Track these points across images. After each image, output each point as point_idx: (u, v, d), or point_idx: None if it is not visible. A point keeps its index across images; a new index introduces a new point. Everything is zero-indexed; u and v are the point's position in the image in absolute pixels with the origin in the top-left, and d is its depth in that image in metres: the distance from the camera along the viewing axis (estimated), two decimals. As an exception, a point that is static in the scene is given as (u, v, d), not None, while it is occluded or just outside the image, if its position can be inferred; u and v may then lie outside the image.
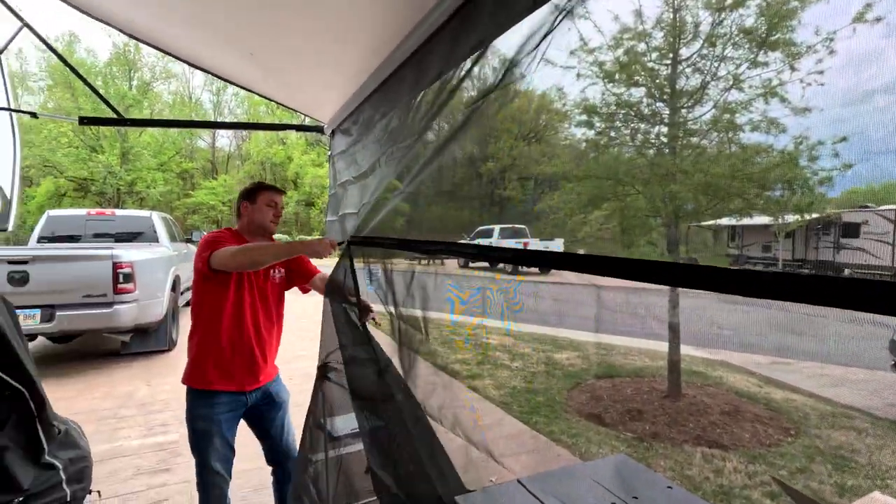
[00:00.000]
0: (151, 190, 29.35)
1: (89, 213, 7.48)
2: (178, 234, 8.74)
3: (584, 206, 3.79)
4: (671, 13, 3.43)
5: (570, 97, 3.72)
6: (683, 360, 4.33)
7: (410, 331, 1.72)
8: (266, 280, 2.09)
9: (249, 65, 2.70)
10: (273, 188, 2.16)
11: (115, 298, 5.13)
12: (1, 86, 3.21)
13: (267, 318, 2.08)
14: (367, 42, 1.92)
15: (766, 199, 2.99)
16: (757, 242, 10.45)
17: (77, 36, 31.83)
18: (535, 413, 3.83)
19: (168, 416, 4.02)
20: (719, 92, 3.39)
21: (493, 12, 1.21)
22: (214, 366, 1.96)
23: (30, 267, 4.82)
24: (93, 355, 6.01)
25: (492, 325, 6.07)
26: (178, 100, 36.10)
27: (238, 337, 1.98)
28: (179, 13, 2.31)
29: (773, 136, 3.07)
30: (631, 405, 3.82)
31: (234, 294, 1.97)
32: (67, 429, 2.54)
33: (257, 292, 2.05)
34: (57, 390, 4.58)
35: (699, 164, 3.17)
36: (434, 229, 1.89)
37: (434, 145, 1.55)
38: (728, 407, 3.65)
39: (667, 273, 0.78)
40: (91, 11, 2.58)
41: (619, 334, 5.80)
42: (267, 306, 2.09)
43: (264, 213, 2.09)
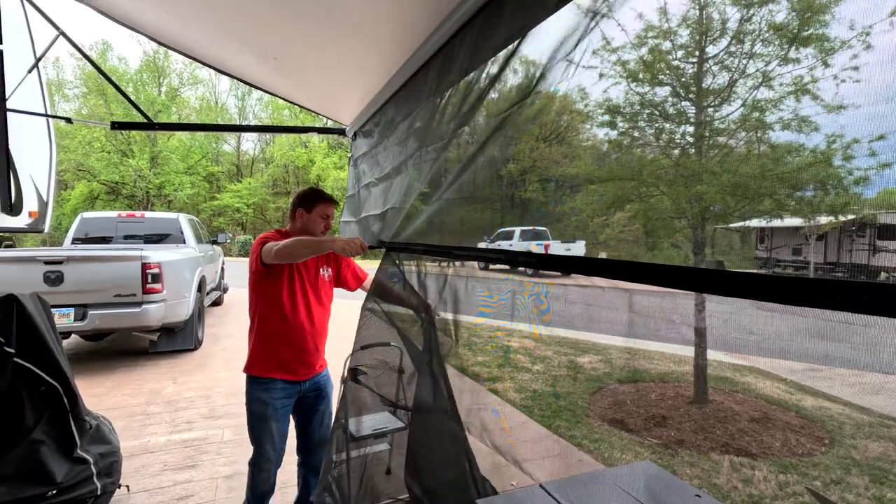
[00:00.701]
0: (179, 193, 30.13)
1: (120, 216, 7.72)
2: (204, 235, 8.95)
3: (607, 207, 3.73)
4: (697, 10, 3.35)
5: (592, 97, 3.63)
6: (710, 365, 4.22)
7: (441, 336, 1.72)
8: (317, 277, 2.24)
9: (273, 70, 2.75)
10: (329, 200, 2.25)
11: (144, 298, 5.28)
12: (38, 93, 3.34)
13: (319, 311, 2.22)
14: (387, 45, 1.93)
15: (797, 199, 2.89)
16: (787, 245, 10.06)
17: (110, 44, 32.95)
18: (556, 417, 3.78)
19: (193, 413, 4.10)
20: (748, 90, 3.30)
21: (514, 14, 1.20)
22: (273, 356, 2.13)
23: (64, 267, 4.99)
24: (122, 353, 6.19)
25: (513, 327, 6.03)
26: (204, 105, 37.01)
27: (293, 329, 2.13)
28: (206, 21, 2.36)
29: (804, 134, 2.96)
30: (655, 411, 3.74)
31: (287, 290, 2.12)
32: (98, 424, 2.63)
33: (310, 288, 2.19)
34: (89, 387, 4.73)
35: (727, 164, 3.09)
36: (457, 232, 1.89)
37: (463, 150, 1.55)
38: (757, 414, 3.54)
39: (692, 278, 0.75)
40: (124, 21, 2.66)
41: (643, 338, 5.69)
42: (319, 301, 2.23)
43: (317, 223, 2.21)
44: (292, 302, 2.13)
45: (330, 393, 2.38)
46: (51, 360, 2.34)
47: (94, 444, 2.48)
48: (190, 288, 6.17)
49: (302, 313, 2.14)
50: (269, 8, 1.93)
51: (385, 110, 2.52)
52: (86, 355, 6.15)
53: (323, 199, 2.22)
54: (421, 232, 1.87)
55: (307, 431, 2.35)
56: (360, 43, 2.06)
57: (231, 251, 28.29)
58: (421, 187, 1.85)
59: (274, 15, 1.97)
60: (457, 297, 1.65)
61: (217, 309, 9.51)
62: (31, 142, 3.22)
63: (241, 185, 34.51)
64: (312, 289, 2.20)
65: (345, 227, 3.56)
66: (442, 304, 1.72)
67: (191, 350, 6.20)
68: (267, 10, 1.94)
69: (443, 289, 1.70)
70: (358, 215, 3.02)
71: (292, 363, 2.15)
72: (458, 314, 1.64)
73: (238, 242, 29.36)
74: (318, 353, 2.25)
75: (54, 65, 31.99)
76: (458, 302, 1.64)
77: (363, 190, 2.94)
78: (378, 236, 2.39)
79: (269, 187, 36.45)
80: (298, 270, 2.16)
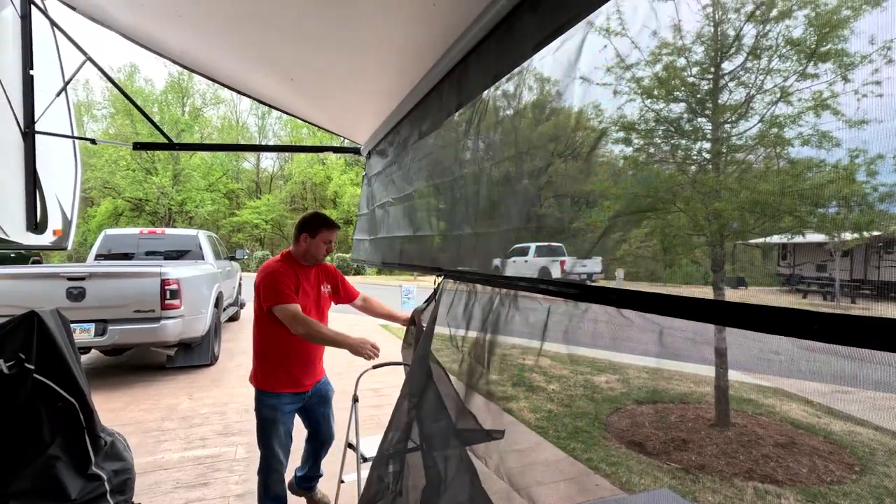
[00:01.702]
0: (200, 209, 30.81)
1: (141, 232, 7.89)
2: (222, 251, 9.09)
3: (624, 224, 3.69)
4: (712, 27, 3.34)
5: (606, 114, 3.66)
6: (732, 387, 4.10)
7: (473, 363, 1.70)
8: (319, 294, 2.44)
9: (290, 90, 2.81)
10: (332, 226, 2.43)
11: (163, 314, 5.35)
12: (65, 115, 3.46)
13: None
14: (401, 66, 1.95)
15: (820, 217, 2.82)
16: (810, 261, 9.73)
17: (137, 66, 34.22)
18: (572, 438, 3.69)
19: (207, 430, 4.11)
20: (765, 105, 3.25)
21: (525, 35, 1.20)
22: (280, 372, 2.34)
23: (86, 283, 5.10)
24: (140, 368, 6.27)
25: (527, 344, 5.95)
26: (226, 124, 38.02)
27: (298, 346, 2.32)
28: (228, 45, 2.43)
29: (825, 150, 2.90)
30: (675, 433, 3.63)
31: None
32: (114, 441, 2.64)
33: (312, 305, 2.37)
34: (106, 401, 4.79)
35: (745, 181, 3.04)
36: (477, 251, 1.88)
37: (478, 166, 1.55)
38: (783, 438, 3.40)
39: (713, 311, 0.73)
40: (149, 45, 2.76)
41: (662, 357, 5.56)
42: (320, 316, 2.42)
43: (319, 248, 2.40)
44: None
45: (330, 396, 2.63)
46: (68, 376, 2.38)
47: (108, 461, 2.49)
48: (207, 304, 6.25)
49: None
50: (288, 31, 1.98)
51: (399, 129, 2.54)
52: (104, 370, 6.24)
53: (326, 226, 2.38)
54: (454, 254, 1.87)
55: (314, 432, 2.62)
56: (374, 64, 2.09)
57: (249, 266, 28.69)
58: (443, 208, 1.85)
59: (292, 38, 2.02)
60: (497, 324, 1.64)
61: (233, 324, 9.61)
62: (57, 162, 3.33)
63: (259, 202, 35.16)
64: (315, 307, 2.40)
65: (358, 245, 3.58)
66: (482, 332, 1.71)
67: (207, 365, 6.25)
68: (285, 33, 1.99)
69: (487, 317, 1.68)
70: (374, 234, 3.03)
71: (299, 377, 2.37)
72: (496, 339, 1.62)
73: (256, 258, 29.76)
74: (320, 363, 2.50)
75: (84, 87, 33.30)
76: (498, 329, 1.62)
77: (378, 209, 2.96)
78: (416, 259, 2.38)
79: (287, 204, 37.05)
80: (304, 292, 2.34)
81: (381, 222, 2.90)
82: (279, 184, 39.99)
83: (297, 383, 2.37)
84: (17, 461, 2.20)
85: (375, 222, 3.04)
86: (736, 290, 3.97)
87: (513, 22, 1.27)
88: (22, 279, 5.12)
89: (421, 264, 2.22)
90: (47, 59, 3.24)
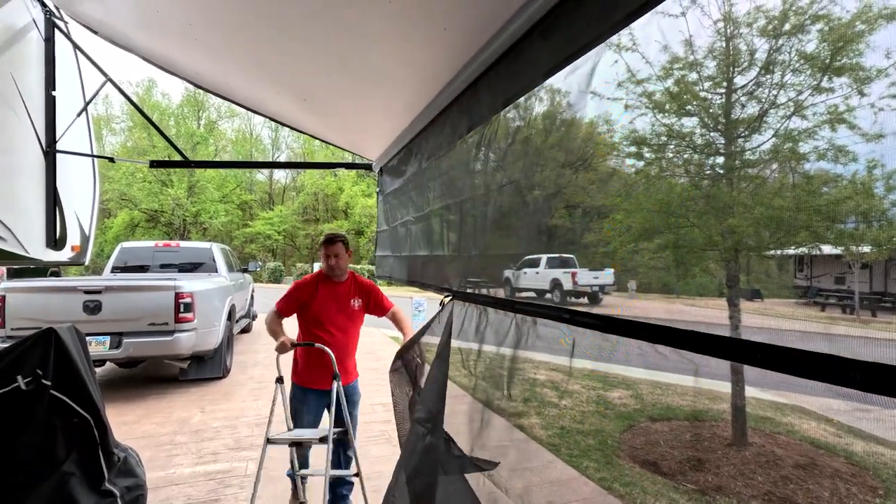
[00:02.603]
0: (214, 221, 31.22)
1: (157, 245, 8.02)
2: (236, 263, 9.18)
3: (636, 238, 3.66)
4: (724, 42, 3.33)
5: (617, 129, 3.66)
6: (749, 404, 4.01)
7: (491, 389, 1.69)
8: (346, 306, 2.83)
9: (302, 109, 2.85)
10: (325, 242, 2.86)
11: (176, 327, 5.41)
12: (85, 133, 3.55)
13: (345, 336, 2.82)
14: (413, 87, 1.97)
15: (837, 232, 2.77)
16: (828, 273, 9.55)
17: (154, 81, 35.02)
18: (585, 457, 3.63)
19: (219, 444, 4.12)
20: (779, 120, 3.22)
21: (538, 60, 1.20)
22: (309, 372, 2.78)
23: (102, 296, 5.18)
24: (153, 381, 6.33)
25: (538, 358, 5.90)
26: (240, 136, 38.64)
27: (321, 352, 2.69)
28: (242, 67, 2.48)
29: (842, 164, 2.87)
30: (691, 452, 3.55)
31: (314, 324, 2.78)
32: (126, 456, 2.66)
33: (333, 313, 2.79)
34: (120, 414, 4.83)
35: (759, 197, 3.01)
36: (489, 267, 1.88)
37: (493, 188, 1.56)
38: (803, 459, 3.31)
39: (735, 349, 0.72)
40: (168, 67, 2.82)
41: (676, 372, 5.46)
42: (346, 327, 2.83)
43: (323, 261, 2.86)
44: (325, 332, 2.75)
45: (357, 401, 2.96)
46: (84, 392, 2.40)
47: (121, 477, 2.51)
48: (220, 317, 6.30)
49: (327, 339, 2.72)
50: (302, 54, 2.01)
51: (411, 148, 2.56)
52: (119, 382, 6.31)
53: (322, 244, 2.87)
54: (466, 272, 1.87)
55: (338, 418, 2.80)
56: (386, 85, 2.12)
57: (261, 277, 28.92)
58: (456, 227, 1.86)
59: (306, 60, 2.05)
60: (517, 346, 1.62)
61: (245, 336, 9.67)
62: (76, 179, 3.40)
63: (272, 213, 35.54)
64: (337, 314, 2.80)
65: (382, 262, 3.60)
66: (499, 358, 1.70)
67: (219, 378, 6.28)
68: (299, 56, 2.03)
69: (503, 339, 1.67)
70: (398, 251, 3.07)
71: (323, 378, 2.70)
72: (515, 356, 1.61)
73: (268, 269, 30.01)
74: (346, 369, 2.81)
75: (104, 101, 34.12)
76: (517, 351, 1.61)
77: (401, 227, 3.00)
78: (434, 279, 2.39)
79: (300, 215, 37.41)
80: (324, 302, 2.79)
81: (404, 240, 2.93)
82: (291, 195, 40.43)
83: (322, 382, 2.73)
84: (32, 477, 2.22)
85: (398, 240, 3.07)
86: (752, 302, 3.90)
87: (524, 47, 1.28)
88: (41, 293, 5.22)
89: (437, 284, 2.22)
90: (69, 80, 3.33)
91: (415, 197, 2.63)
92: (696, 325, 2.58)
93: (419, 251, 2.63)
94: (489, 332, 1.75)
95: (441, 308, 2.24)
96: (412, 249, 2.77)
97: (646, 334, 0.95)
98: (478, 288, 1.89)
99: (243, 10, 1.76)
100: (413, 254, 2.77)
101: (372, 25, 1.55)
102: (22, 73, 2.73)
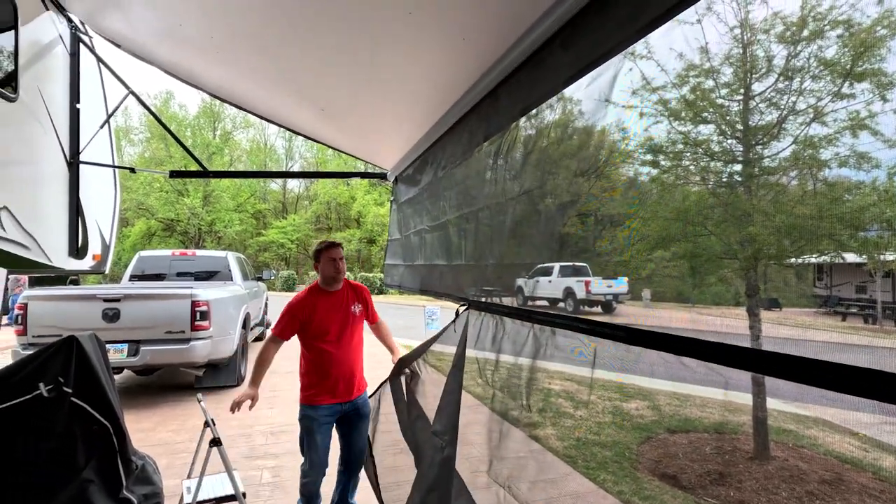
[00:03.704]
0: (228, 229, 31.62)
1: (174, 254, 8.13)
2: (250, 272, 9.27)
3: (651, 247, 3.61)
4: (740, 48, 3.30)
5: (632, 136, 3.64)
6: (771, 416, 3.91)
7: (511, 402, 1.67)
8: (348, 314, 2.69)
9: (319, 119, 2.88)
10: (328, 247, 2.69)
11: (192, 335, 5.46)
12: (107, 144, 3.62)
13: (351, 345, 2.70)
14: (431, 96, 1.99)
15: (861, 241, 2.71)
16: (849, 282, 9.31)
17: (172, 94, 35.78)
18: (602, 469, 3.57)
19: (233, 453, 4.13)
20: (798, 126, 3.17)
21: (559, 68, 1.20)
22: (319, 385, 2.62)
23: (121, 304, 5.26)
24: (169, 388, 6.39)
25: (553, 368, 5.83)
26: (254, 146, 39.21)
27: (333, 363, 2.61)
28: (261, 77, 2.52)
29: (864, 171, 2.81)
30: (711, 466, 3.47)
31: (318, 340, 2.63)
32: (144, 464, 2.68)
33: (339, 326, 2.64)
34: (137, 421, 4.88)
35: (780, 205, 2.96)
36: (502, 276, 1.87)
37: (509, 197, 1.56)
38: (828, 474, 3.21)
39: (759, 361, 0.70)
40: (189, 80, 2.88)
41: (697, 383, 5.36)
42: (352, 335, 2.70)
43: (328, 267, 2.67)
44: (332, 344, 2.62)
45: (367, 413, 2.81)
46: (104, 400, 2.43)
47: (138, 485, 2.53)
48: (235, 325, 6.35)
49: (334, 350, 2.62)
50: (321, 65, 2.04)
51: (428, 157, 2.57)
52: (136, 389, 6.38)
53: (324, 249, 2.69)
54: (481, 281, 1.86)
55: (348, 445, 2.78)
56: (404, 94, 2.14)
57: (275, 286, 29.16)
58: (472, 236, 1.85)
59: (325, 72, 2.08)
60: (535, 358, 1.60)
61: (259, 344, 9.71)
62: (98, 189, 3.48)
63: (286, 222, 35.91)
64: (344, 327, 2.66)
65: (391, 270, 3.60)
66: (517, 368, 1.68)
67: (234, 386, 6.32)
68: (318, 67, 2.06)
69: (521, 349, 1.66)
70: (410, 260, 3.07)
71: (335, 390, 2.62)
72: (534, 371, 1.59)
73: (281, 277, 30.26)
74: (356, 379, 2.70)
75: (123, 113, 34.91)
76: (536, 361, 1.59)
77: (414, 236, 3.00)
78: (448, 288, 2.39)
79: (313, 223, 37.73)
80: (328, 317, 2.64)
81: (417, 249, 2.93)
82: (305, 204, 40.83)
83: (334, 395, 2.64)
84: (52, 484, 2.25)
85: (411, 248, 3.07)
86: (770, 311, 3.81)
87: (543, 56, 1.28)
88: (61, 301, 5.32)
89: (452, 293, 2.21)
90: (92, 93, 3.41)
91: (429, 206, 2.63)
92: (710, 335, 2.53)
93: (435, 260, 2.63)
94: (506, 343, 1.73)
95: (455, 317, 2.22)
96: (427, 258, 2.77)
97: (671, 346, 0.93)
98: (492, 297, 1.88)
99: (264, 23, 1.79)
100: (427, 262, 2.77)
101: (392, 35, 1.57)
102: (48, 87, 2.80)
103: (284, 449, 4.21)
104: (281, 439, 4.48)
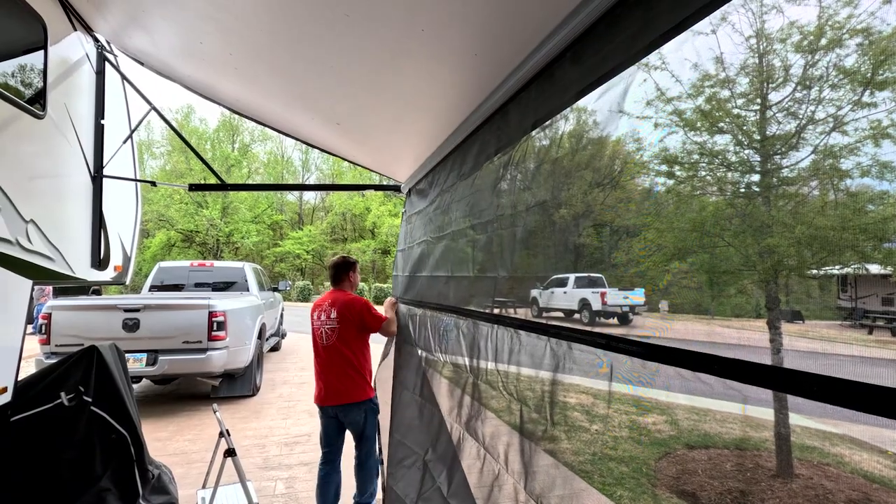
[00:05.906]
0: (245, 241, 32.09)
1: (192, 265, 8.28)
2: (266, 282, 9.37)
3: (668, 258, 3.57)
4: (756, 58, 3.28)
5: (647, 147, 3.62)
6: (794, 432, 3.79)
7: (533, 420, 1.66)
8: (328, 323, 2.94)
9: (335, 133, 2.92)
10: (355, 263, 3.17)
11: (209, 345, 5.53)
12: (130, 159, 3.72)
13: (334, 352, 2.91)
14: (443, 110, 2.00)
15: (885, 252, 2.64)
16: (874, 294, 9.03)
17: (193, 108, 36.69)
18: (619, 485, 3.50)
19: (248, 463, 4.15)
20: (818, 136, 3.12)
21: (570, 83, 1.21)
22: (317, 388, 2.97)
23: (141, 314, 5.36)
24: (186, 398, 6.46)
25: (568, 380, 5.75)
26: (272, 159, 39.89)
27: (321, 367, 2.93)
28: (278, 92, 2.57)
29: (887, 181, 2.75)
30: (732, 483, 3.37)
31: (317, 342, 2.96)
32: (160, 473, 2.71)
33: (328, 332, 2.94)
34: (154, 430, 4.94)
35: (800, 216, 2.91)
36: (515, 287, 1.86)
37: (520, 209, 1.56)
38: (856, 494, 3.09)
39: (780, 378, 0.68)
40: (209, 95, 2.96)
41: (716, 398, 5.22)
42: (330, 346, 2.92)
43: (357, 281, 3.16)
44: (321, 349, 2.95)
45: (360, 420, 2.95)
46: (122, 409, 2.47)
47: (154, 494, 2.55)
48: (251, 335, 6.42)
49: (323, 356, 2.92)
50: (337, 80, 2.08)
51: (438, 170, 2.59)
52: (154, 398, 6.47)
53: (356, 266, 3.15)
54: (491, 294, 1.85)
55: (356, 445, 2.99)
56: (417, 109, 2.16)
57: (290, 296, 29.41)
58: (482, 248, 1.85)
59: (341, 88, 2.12)
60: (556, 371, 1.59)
61: (275, 354, 9.80)
62: (120, 202, 3.57)
63: (301, 233, 36.31)
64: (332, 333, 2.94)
65: (395, 281, 3.61)
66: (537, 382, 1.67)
67: (249, 396, 6.36)
68: (334, 84, 2.09)
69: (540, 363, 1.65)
70: (415, 271, 3.07)
71: (323, 394, 2.91)
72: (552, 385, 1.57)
73: (297, 288, 30.51)
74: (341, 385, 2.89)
75: (146, 127, 35.89)
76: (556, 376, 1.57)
77: (417, 246, 3.00)
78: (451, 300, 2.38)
79: (328, 234, 38.09)
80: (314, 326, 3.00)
81: (418, 260, 2.93)
82: (320, 215, 41.28)
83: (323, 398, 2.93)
84: (70, 492, 2.28)
85: (412, 259, 3.07)
86: (792, 324, 3.72)
87: (554, 70, 1.28)
88: (83, 311, 5.44)
89: (457, 304, 2.20)
90: (116, 108, 3.52)
91: (435, 218, 2.63)
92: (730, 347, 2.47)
93: (437, 272, 2.62)
94: (524, 356, 1.72)
95: (458, 328, 2.22)
96: (430, 270, 2.76)
97: (689, 362, 0.91)
98: (505, 308, 1.87)
99: (281, 40, 1.83)
100: (431, 274, 2.76)
101: (405, 52, 1.59)
102: (74, 104, 2.90)
103: (298, 460, 4.22)
104: (295, 450, 4.49)
